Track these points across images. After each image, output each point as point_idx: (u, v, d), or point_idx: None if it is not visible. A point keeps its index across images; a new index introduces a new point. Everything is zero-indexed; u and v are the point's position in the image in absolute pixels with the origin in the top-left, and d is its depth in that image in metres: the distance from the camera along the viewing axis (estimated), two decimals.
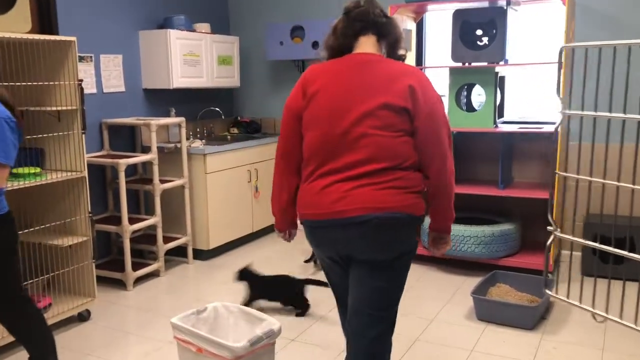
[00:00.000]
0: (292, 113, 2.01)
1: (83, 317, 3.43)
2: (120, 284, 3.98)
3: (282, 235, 2.24)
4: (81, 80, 3.26)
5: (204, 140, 4.83)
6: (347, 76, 1.93)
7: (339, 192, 1.86)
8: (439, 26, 4.91)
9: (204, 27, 4.88)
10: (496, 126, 4.19)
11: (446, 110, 2.08)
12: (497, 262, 4.08)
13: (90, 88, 4.15)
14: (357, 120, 1.87)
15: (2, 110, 2.34)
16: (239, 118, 5.55)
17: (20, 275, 2.58)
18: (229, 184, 4.68)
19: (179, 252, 4.53)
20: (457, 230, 4.03)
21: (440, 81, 5.04)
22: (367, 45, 2.01)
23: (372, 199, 1.84)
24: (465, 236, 4.02)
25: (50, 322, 3.16)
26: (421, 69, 4.82)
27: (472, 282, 3.97)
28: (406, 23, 4.50)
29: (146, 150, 4.41)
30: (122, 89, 4.44)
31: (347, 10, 2.08)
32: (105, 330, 3.31)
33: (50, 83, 3.25)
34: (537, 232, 4.35)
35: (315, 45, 4.85)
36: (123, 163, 3.85)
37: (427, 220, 2.12)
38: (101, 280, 4.01)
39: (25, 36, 3.01)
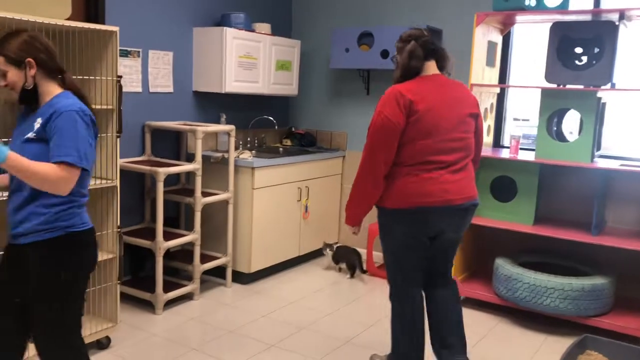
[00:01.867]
0: (397, 130, 2.47)
1: (102, 345, 3.02)
2: (149, 306, 3.56)
3: (357, 229, 2.76)
4: (120, 77, 2.86)
5: (253, 152, 4.40)
6: (441, 95, 2.55)
7: (448, 183, 2.51)
8: (528, 41, 4.33)
9: (265, 27, 4.46)
10: (593, 161, 3.57)
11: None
12: (584, 321, 3.44)
13: (135, 86, 3.77)
14: (455, 127, 2.55)
15: (75, 102, 1.95)
16: (293, 129, 5.10)
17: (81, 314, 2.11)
18: (277, 202, 4.22)
19: (217, 273, 4.09)
20: (539, 280, 3.42)
21: (523, 104, 4.46)
22: (433, 68, 2.62)
23: (470, 189, 2.61)
24: (549, 288, 3.40)
25: None
26: (505, 88, 4.27)
27: (554, 342, 3.35)
28: (491, 35, 3.94)
29: (191, 158, 4.00)
30: (170, 89, 4.06)
31: (416, 37, 2.58)
32: None
33: (86, 77, 2.86)
34: (633, 289, 3.69)
35: (384, 54, 4.33)
36: (162, 172, 3.44)
37: None
38: (128, 300, 3.61)
39: (60, 22, 2.62)
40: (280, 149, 4.82)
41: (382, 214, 2.64)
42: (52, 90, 1.97)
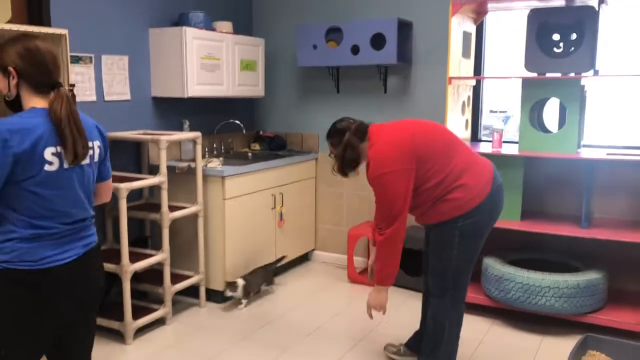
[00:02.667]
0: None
1: None
2: (118, 335, 3.24)
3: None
4: (73, 86, 2.55)
5: (221, 159, 4.11)
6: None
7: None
8: (500, 30, 4.19)
9: (226, 26, 4.18)
10: (578, 151, 3.44)
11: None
12: (581, 318, 3.31)
13: (88, 95, 3.44)
14: None
15: (10, 121, 1.67)
16: (261, 132, 4.83)
17: None
18: (250, 211, 3.95)
19: (190, 292, 3.79)
20: (533, 279, 3.27)
21: (497, 95, 4.32)
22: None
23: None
24: (543, 286, 3.25)
25: None
26: (481, 80, 4.11)
27: (551, 343, 3.21)
28: (466, 25, 3.77)
29: (154, 170, 3.70)
30: (128, 97, 3.73)
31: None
32: None
33: None
34: (625, 281, 3.59)
35: (355, 49, 4.12)
36: (124, 188, 3.13)
37: None
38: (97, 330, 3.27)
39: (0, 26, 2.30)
40: (249, 154, 4.55)
41: (450, 225, 2.56)
42: (29, 104, 1.74)
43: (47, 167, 1.65)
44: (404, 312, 3.65)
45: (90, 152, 1.78)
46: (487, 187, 2.56)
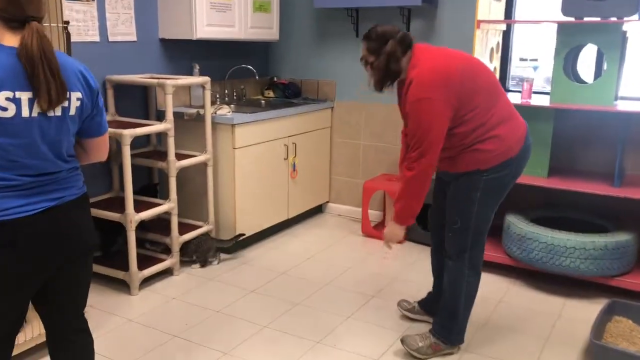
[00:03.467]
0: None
1: None
2: (124, 285, 3.16)
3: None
4: (67, 23, 2.35)
5: (232, 106, 3.93)
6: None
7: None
8: None
9: None
10: (615, 104, 3.18)
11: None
12: (607, 281, 3.14)
13: (91, 35, 3.25)
14: None
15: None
16: (275, 79, 4.60)
17: None
18: (261, 161, 3.79)
19: None
20: (558, 239, 3.08)
21: (530, 41, 4.02)
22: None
23: None
24: (568, 247, 3.07)
25: (26, 345, 2.38)
26: (511, 24, 3.81)
27: (575, 307, 3.06)
28: None
29: (161, 116, 3.53)
30: (133, 37, 3.53)
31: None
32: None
33: None
34: None
35: None
36: (128, 134, 2.97)
37: None
38: (99, 279, 3.20)
39: None
40: (262, 101, 4.35)
41: (474, 176, 2.37)
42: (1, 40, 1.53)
43: None
44: (419, 268, 3.51)
45: (65, 103, 1.57)
46: (520, 144, 2.37)
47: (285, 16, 4.49)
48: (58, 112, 1.56)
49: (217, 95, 4.13)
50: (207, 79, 3.43)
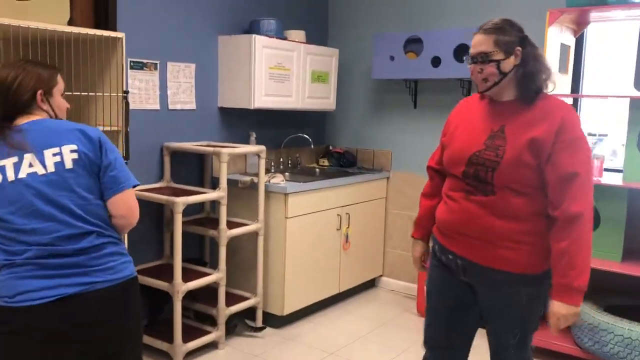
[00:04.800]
0: None
1: None
2: (167, 358, 3.06)
3: None
4: (127, 92, 2.39)
5: (287, 174, 3.89)
6: None
7: None
8: (601, 44, 3.72)
9: (298, 35, 3.96)
10: None
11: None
12: None
13: (152, 103, 3.32)
14: None
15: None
16: (330, 148, 4.57)
17: None
18: (313, 231, 3.69)
19: (246, 314, 3.57)
20: (636, 332, 2.78)
21: (596, 116, 3.84)
22: None
23: None
24: None
25: None
26: (579, 98, 3.64)
27: None
28: (564, 36, 3.35)
29: (217, 183, 3.52)
30: (193, 106, 3.59)
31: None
32: None
33: (91, 94, 2.40)
34: None
35: (435, 61, 3.78)
36: (180, 202, 2.95)
37: None
38: (144, 349, 3.11)
39: (55, 28, 2.17)
40: (317, 170, 4.30)
41: (534, 282, 1.89)
42: None
43: None
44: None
45: (58, 158, 1.52)
46: None
47: (343, 86, 4.50)
48: (51, 168, 1.51)
49: (272, 164, 4.12)
50: (262, 147, 3.42)
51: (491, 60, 1.84)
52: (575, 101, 3.66)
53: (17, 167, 1.48)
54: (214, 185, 3.60)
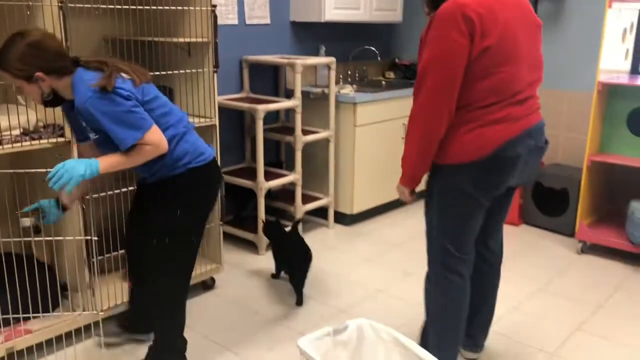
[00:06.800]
0: (464, 59, 1.80)
1: (207, 285, 3.00)
2: (252, 246, 3.51)
3: (413, 195, 2.08)
4: (215, 6, 2.66)
5: (355, 86, 4.12)
6: (511, 4, 1.88)
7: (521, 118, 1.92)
8: None
9: None
10: None
11: None
12: None
13: (231, 19, 3.59)
14: (534, 45, 1.96)
15: (84, 89, 1.79)
16: (397, 60, 4.73)
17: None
18: (380, 139, 3.95)
19: (320, 213, 3.96)
20: None
21: None
22: None
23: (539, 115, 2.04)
24: None
25: None
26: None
27: None
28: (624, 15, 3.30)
29: (290, 94, 3.81)
30: (267, 20, 3.83)
31: None
32: (230, 306, 2.84)
33: (179, 8, 2.69)
34: None
35: None
36: (261, 109, 3.27)
37: None
38: (231, 240, 3.58)
39: None
40: (383, 82, 4.50)
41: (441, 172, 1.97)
42: (69, 82, 1.85)
43: None
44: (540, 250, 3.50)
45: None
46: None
47: None
48: None
49: (341, 76, 4.35)
50: (332, 59, 3.65)
51: None
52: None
53: None
54: (289, 96, 3.89)
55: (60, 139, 2.23)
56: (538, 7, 3.96)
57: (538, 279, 3.14)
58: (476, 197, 1.92)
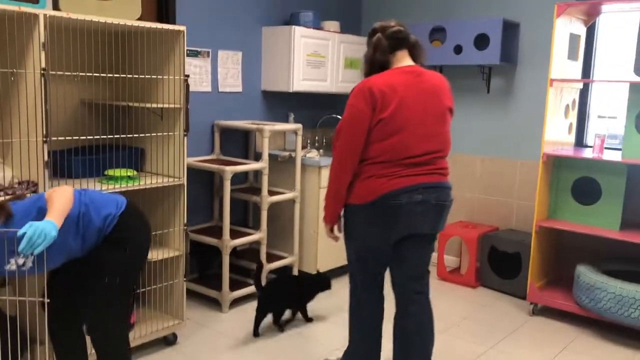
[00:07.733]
0: (366, 122, 2.30)
1: (169, 341, 3.06)
2: (216, 304, 3.59)
3: (336, 234, 2.64)
4: (187, 76, 2.88)
5: (321, 151, 4.35)
6: (416, 87, 2.33)
7: (418, 176, 2.34)
8: (615, 32, 4.01)
9: (333, 25, 4.40)
10: None
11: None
12: None
13: (205, 86, 3.82)
14: (432, 121, 2.34)
15: None
16: None
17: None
18: None
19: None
20: (627, 290, 3.14)
21: (609, 101, 4.14)
22: (406, 59, 2.43)
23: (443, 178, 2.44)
24: (637, 299, 3.12)
25: (133, 344, 2.81)
26: (589, 83, 3.97)
27: None
28: (574, 26, 3.68)
29: (259, 157, 4.01)
30: (239, 89, 4.08)
31: (382, 29, 2.44)
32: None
33: (154, 77, 2.91)
34: None
35: (457, 49, 4.16)
36: (229, 170, 3.45)
37: None
38: (195, 297, 3.66)
39: (129, 23, 2.67)
40: None
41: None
42: None
43: None
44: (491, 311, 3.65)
45: None
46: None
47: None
48: None
49: (308, 141, 4.58)
50: (299, 126, 3.88)
51: None
52: (586, 86, 3.98)
53: None
54: (257, 158, 4.09)
55: (34, 195, 2.36)
56: (491, 82, 4.30)
57: (489, 340, 3.27)
58: (370, 234, 2.40)
